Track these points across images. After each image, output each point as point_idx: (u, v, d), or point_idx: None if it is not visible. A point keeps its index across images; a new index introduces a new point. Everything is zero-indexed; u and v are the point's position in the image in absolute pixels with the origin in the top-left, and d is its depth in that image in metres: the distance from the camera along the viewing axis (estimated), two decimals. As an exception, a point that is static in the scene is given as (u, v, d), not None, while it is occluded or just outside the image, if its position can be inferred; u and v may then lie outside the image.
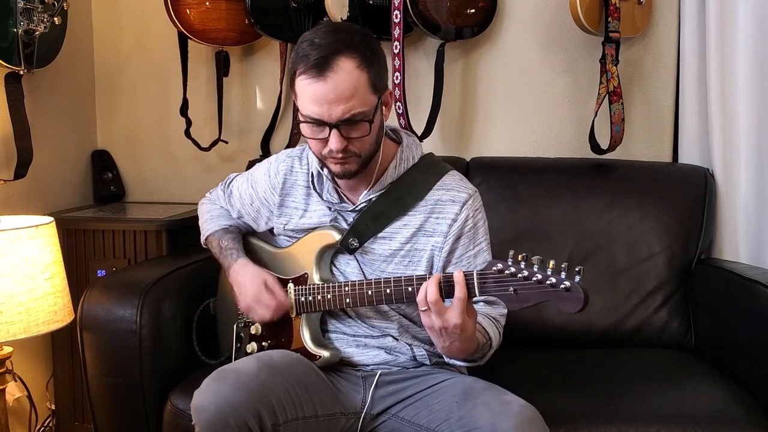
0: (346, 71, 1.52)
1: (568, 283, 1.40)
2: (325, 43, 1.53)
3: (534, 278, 1.43)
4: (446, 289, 1.50)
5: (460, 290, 1.47)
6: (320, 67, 1.52)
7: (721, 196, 2.31)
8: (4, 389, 1.99)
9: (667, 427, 1.70)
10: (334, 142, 1.55)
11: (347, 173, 1.62)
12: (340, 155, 1.57)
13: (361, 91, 1.54)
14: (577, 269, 1.40)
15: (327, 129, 1.55)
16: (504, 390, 1.58)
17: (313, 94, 1.53)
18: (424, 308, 1.49)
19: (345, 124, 1.54)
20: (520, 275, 1.44)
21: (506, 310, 1.68)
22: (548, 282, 1.42)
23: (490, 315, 1.66)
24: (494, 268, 1.47)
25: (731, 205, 2.31)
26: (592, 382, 1.93)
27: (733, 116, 2.29)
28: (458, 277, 1.48)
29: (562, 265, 1.42)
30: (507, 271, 1.45)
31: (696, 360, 2.10)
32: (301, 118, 1.58)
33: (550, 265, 1.42)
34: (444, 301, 1.50)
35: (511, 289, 1.45)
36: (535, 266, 1.43)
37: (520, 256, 1.45)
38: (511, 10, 2.57)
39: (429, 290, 1.48)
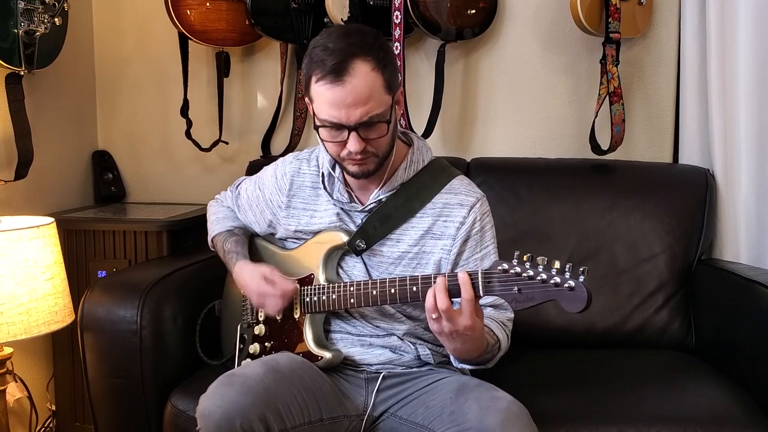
0: (363, 74, 1.53)
1: (572, 283, 1.40)
2: (340, 48, 1.54)
3: (538, 277, 1.43)
4: (452, 291, 1.49)
5: (466, 291, 1.47)
6: (337, 72, 1.52)
7: (722, 196, 2.31)
8: (4, 390, 1.99)
9: (667, 427, 1.70)
10: (353, 144, 1.56)
11: (365, 173, 1.64)
12: (359, 156, 1.59)
13: (377, 93, 1.55)
14: (581, 269, 1.41)
15: (345, 132, 1.56)
16: (495, 387, 1.59)
17: (331, 99, 1.54)
18: (434, 316, 1.49)
19: (363, 126, 1.56)
20: (524, 274, 1.45)
21: (512, 315, 1.68)
22: (552, 281, 1.42)
23: (498, 318, 1.66)
24: (499, 268, 1.48)
25: (732, 206, 2.30)
26: (593, 382, 1.93)
27: (734, 117, 2.29)
28: (463, 279, 1.48)
29: (567, 266, 1.42)
30: (512, 271, 1.46)
31: (697, 361, 2.09)
32: (318, 123, 1.59)
33: (555, 266, 1.43)
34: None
35: (516, 288, 1.45)
36: (540, 266, 1.44)
37: (525, 257, 1.45)
38: (512, 10, 2.57)
39: (438, 298, 1.48)
